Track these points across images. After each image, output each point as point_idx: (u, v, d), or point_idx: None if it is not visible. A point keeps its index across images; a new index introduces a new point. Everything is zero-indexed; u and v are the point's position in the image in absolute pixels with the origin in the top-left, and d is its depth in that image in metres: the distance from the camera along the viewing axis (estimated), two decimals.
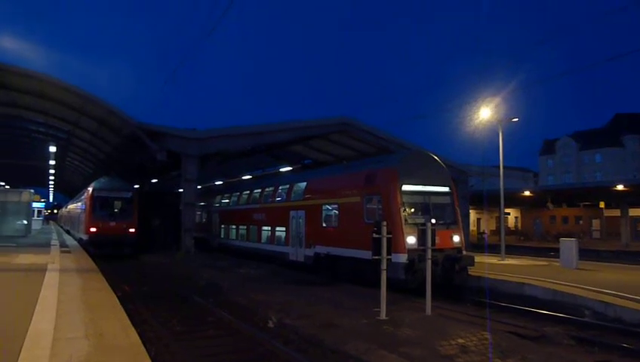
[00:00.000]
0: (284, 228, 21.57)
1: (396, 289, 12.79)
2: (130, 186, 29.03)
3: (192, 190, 25.19)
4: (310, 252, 19.02)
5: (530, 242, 50.44)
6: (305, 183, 20.89)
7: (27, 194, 32.43)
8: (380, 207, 15.30)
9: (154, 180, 41.28)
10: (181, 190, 26.42)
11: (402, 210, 14.70)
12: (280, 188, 23.35)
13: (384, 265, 10.51)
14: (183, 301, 13.42)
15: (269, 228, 23.34)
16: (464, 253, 15.69)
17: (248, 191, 27.36)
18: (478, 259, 16.00)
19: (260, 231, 24.33)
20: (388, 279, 10.74)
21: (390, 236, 10.66)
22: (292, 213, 20.76)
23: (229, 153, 29.43)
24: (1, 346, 5.76)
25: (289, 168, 35.91)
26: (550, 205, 45.76)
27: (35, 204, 40.49)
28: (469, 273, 15.43)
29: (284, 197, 22.36)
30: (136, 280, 16.71)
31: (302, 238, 19.83)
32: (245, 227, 26.54)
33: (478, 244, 37.87)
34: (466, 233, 22.62)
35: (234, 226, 28.34)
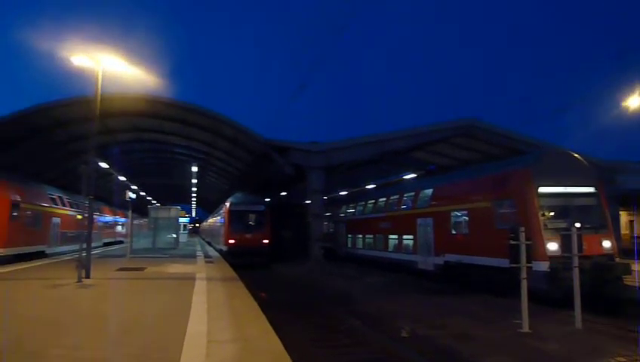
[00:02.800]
0: (411, 236, 21.29)
1: (536, 300, 11.86)
2: (263, 200, 30.88)
3: (319, 201, 25.99)
4: (440, 260, 18.50)
5: None
6: (431, 190, 20.43)
7: (175, 210, 36.18)
8: (515, 211, 14.37)
9: (283, 193, 43.40)
10: (308, 201, 27.41)
11: (540, 214, 13.65)
12: (405, 195, 23.13)
13: (524, 274, 9.83)
14: (315, 309, 13.85)
15: (396, 236, 23.20)
16: (617, 260, 14.05)
17: (373, 201, 27.51)
18: (635, 267, 14.18)
19: (386, 239, 24.29)
20: (528, 289, 10.02)
21: (529, 242, 9.96)
22: (419, 220, 20.40)
23: (352, 163, 29.90)
24: (167, 344, 6.48)
25: (413, 175, 35.38)
26: None
27: (180, 219, 44.92)
28: (624, 282, 13.74)
29: (410, 204, 22.08)
30: (270, 289, 17.64)
31: (430, 246, 19.38)
32: (371, 236, 26.69)
33: (631, 250, 33.61)
34: (617, 238, 20.23)
35: (360, 235, 28.65)
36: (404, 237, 22.24)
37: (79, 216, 25.84)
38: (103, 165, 31.21)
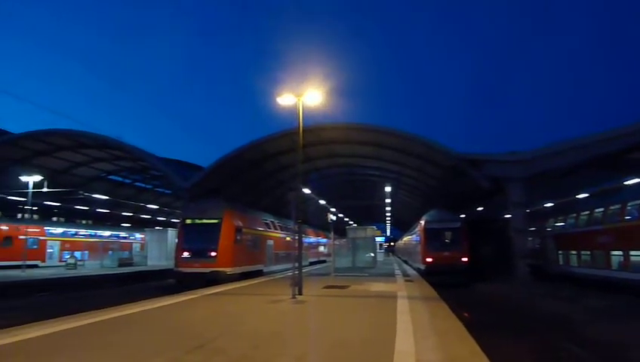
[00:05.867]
0: None
1: None
2: (458, 216, 29.98)
3: (521, 215, 24.18)
4: None
5: None
6: None
7: (371, 230, 37.43)
8: None
9: (479, 208, 41.48)
10: (508, 216, 25.69)
11: None
12: (629, 205, 19.97)
13: None
14: (525, 332, 12.82)
15: (620, 252, 20.10)
16: None
17: (588, 211, 24.37)
18: None
19: (608, 255, 21.21)
20: None
21: None
22: None
23: (555, 171, 27.11)
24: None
25: (636, 180, 30.36)
26: None
27: (376, 238, 46.15)
28: None
29: (636, 215, 18.97)
30: (473, 309, 16.89)
31: None
32: (588, 252, 23.62)
33: None
34: None
35: (573, 251, 25.59)
36: (632, 253, 19.12)
37: (288, 238, 28.67)
38: (306, 190, 34.21)
